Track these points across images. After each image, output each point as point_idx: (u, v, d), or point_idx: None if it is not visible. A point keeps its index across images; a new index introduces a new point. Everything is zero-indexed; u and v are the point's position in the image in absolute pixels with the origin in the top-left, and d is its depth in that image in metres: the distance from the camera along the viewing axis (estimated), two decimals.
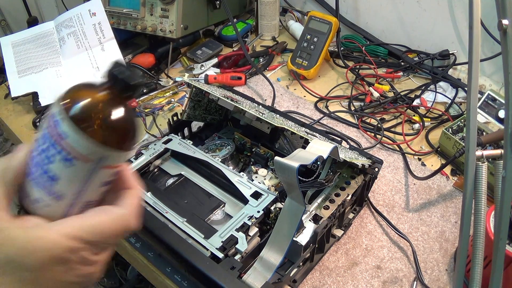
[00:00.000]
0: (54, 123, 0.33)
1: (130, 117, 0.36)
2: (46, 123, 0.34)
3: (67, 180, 0.34)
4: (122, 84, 0.35)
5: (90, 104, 0.34)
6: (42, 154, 0.34)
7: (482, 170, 0.49)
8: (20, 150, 0.36)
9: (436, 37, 1.13)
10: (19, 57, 1.10)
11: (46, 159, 0.34)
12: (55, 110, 0.33)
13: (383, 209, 0.79)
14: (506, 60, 0.44)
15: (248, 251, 0.62)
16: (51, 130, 0.33)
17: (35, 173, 0.35)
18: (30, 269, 0.32)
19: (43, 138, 0.34)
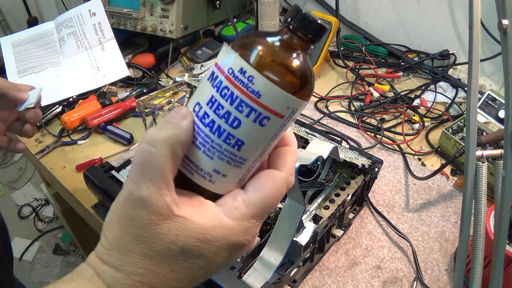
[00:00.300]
0: (243, 81, 0.30)
1: (309, 63, 0.33)
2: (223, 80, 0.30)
3: (254, 143, 0.31)
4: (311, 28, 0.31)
5: (285, 55, 0.31)
6: (222, 119, 0.30)
7: (482, 170, 0.49)
8: (183, 117, 0.31)
9: (436, 37, 1.13)
10: (19, 57, 1.10)
11: (230, 124, 0.30)
12: (240, 64, 0.30)
13: (383, 209, 0.79)
14: (506, 60, 0.44)
15: (248, 251, 0.62)
16: (237, 89, 0.30)
17: (211, 142, 0.31)
18: (204, 257, 0.30)
19: (223, 99, 0.30)
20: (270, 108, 0.30)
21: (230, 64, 0.30)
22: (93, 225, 0.86)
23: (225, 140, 0.31)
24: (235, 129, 0.31)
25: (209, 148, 0.31)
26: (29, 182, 2.23)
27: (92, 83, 1.05)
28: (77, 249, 1.92)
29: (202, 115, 0.31)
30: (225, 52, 0.31)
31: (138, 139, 0.95)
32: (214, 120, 0.31)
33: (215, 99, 0.30)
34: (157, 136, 0.29)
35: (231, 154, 0.31)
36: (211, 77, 0.31)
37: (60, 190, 0.91)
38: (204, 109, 0.31)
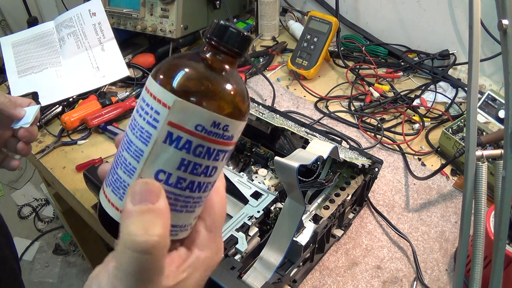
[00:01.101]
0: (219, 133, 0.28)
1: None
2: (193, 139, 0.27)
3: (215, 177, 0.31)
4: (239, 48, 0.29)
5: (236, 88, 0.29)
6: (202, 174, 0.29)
7: (482, 170, 0.49)
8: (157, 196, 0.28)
9: (436, 37, 1.13)
10: (19, 57, 1.10)
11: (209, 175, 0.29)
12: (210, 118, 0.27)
13: (383, 209, 0.79)
14: (506, 60, 0.44)
15: (248, 251, 0.62)
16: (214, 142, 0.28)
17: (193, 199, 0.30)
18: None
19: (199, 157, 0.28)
20: (235, 142, 0.31)
21: (196, 121, 0.27)
22: (93, 225, 0.86)
23: (204, 190, 0.30)
24: (212, 176, 0.30)
25: (191, 205, 0.30)
26: (29, 182, 2.23)
27: (92, 83, 1.05)
28: (77, 249, 1.92)
29: (176, 181, 0.28)
30: (181, 108, 0.27)
31: None
32: (193, 180, 0.29)
33: (188, 161, 0.28)
34: (149, 242, 0.26)
35: (206, 197, 0.32)
36: (169, 139, 0.27)
37: (60, 190, 0.91)
38: (177, 175, 0.28)
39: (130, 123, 0.30)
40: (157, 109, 0.28)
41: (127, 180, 0.29)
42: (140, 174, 0.28)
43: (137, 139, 0.28)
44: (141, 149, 0.28)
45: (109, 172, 0.31)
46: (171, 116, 0.27)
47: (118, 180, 0.30)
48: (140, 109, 0.29)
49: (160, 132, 0.27)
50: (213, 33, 0.29)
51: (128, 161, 0.29)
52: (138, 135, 0.28)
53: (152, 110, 0.28)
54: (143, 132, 0.28)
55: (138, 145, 0.28)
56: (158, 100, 0.28)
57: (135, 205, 0.27)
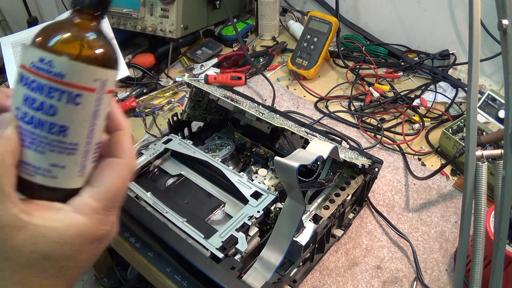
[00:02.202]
0: (44, 68, 0.31)
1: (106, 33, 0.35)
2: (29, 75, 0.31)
3: (77, 124, 0.32)
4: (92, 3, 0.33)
5: (76, 31, 0.33)
6: (39, 111, 0.31)
7: (482, 170, 0.49)
8: (5, 124, 0.31)
9: (436, 37, 1.13)
10: (19, 57, 1.10)
11: (47, 114, 0.31)
12: (38, 55, 0.31)
13: (383, 209, 0.79)
14: (506, 60, 0.44)
15: (248, 251, 0.62)
16: (42, 77, 0.31)
17: (38, 137, 0.32)
18: (69, 258, 0.31)
19: (34, 92, 0.31)
20: (77, 85, 0.32)
21: (30, 59, 0.31)
22: None
23: (49, 130, 0.32)
24: (53, 116, 0.32)
25: (38, 144, 0.32)
26: None
27: None
28: None
29: (22, 115, 0.32)
30: (25, 51, 0.32)
31: (138, 139, 0.95)
32: (33, 115, 0.31)
33: (27, 96, 0.31)
34: None
35: (60, 143, 0.32)
36: (20, 79, 0.32)
37: None
38: (23, 109, 0.32)
39: None
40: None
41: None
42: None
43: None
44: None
45: None
46: (21, 59, 0.32)
47: None
48: None
49: (17, 74, 0.32)
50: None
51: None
52: None
53: None
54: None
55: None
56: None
57: None
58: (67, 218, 0.31)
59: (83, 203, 0.32)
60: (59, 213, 0.31)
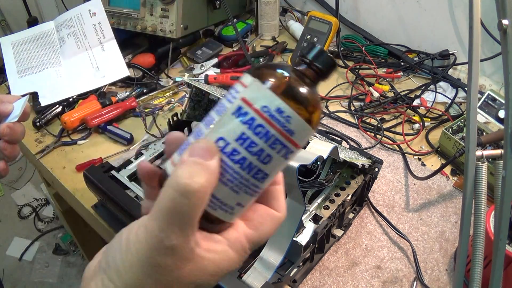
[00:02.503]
0: (280, 120, 0.30)
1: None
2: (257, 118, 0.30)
3: (274, 173, 0.33)
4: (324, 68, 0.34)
5: (311, 92, 0.33)
6: (255, 156, 0.31)
7: (482, 170, 0.49)
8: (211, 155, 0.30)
9: (436, 37, 1.13)
10: (19, 57, 1.10)
11: (261, 161, 0.31)
12: (277, 104, 0.30)
13: (383, 209, 0.79)
14: (506, 60, 0.44)
15: None
16: (273, 127, 0.30)
17: (240, 178, 0.31)
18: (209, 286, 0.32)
19: (257, 137, 0.30)
20: (298, 144, 0.32)
21: (264, 102, 0.30)
22: (93, 225, 0.86)
23: (254, 175, 0.32)
24: (265, 164, 0.31)
25: (237, 184, 0.31)
26: (29, 182, 2.23)
27: (92, 83, 1.05)
28: (77, 249, 1.92)
29: (231, 151, 0.31)
30: (255, 87, 0.31)
31: (138, 139, 0.95)
32: (246, 157, 0.31)
33: (246, 136, 0.30)
34: (189, 186, 0.28)
35: (255, 187, 0.32)
36: (237, 112, 0.31)
37: (60, 190, 0.91)
38: (233, 146, 0.31)
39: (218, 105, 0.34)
40: (238, 88, 0.32)
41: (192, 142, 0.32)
42: (204, 137, 0.32)
43: (215, 112, 0.32)
44: (214, 118, 0.32)
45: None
46: (246, 93, 0.31)
47: (187, 143, 0.33)
48: (228, 94, 0.33)
49: (233, 105, 0.31)
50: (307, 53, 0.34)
51: (200, 128, 0.32)
52: (217, 109, 0.32)
53: (235, 90, 0.32)
54: (222, 107, 0.32)
55: (213, 115, 0.32)
56: (242, 83, 0.32)
57: (190, 157, 0.30)
58: (223, 252, 0.32)
59: (239, 241, 0.33)
60: (218, 246, 0.32)
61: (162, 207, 0.28)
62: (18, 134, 0.55)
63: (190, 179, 0.28)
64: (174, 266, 0.29)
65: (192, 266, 0.29)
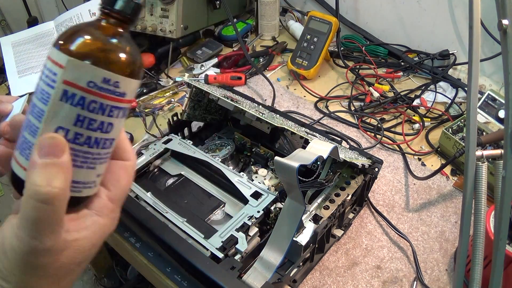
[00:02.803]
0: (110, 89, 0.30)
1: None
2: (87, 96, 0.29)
3: (119, 133, 0.33)
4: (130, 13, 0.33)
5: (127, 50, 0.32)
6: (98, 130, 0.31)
7: (482, 170, 0.49)
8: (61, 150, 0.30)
9: (436, 37, 1.13)
10: (19, 57, 1.10)
11: (105, 132, 0.31)
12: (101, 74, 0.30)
13: (383, 209, 0.79)
14: (506, 60, 0.44)
15: (248, 251, 0.62)
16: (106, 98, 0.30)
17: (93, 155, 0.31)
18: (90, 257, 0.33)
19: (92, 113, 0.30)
20: (130, 100, 0.32)
21: (88, 78, 0.29)
22: None
23: (103, 146, 0.32)
24: (109, 132, 0.32)
25: (91, 161, 0.31)
26: None
27: None
28: None
29: (74, 136, 0.30)
30: (74, 66, 0.29)
31: (138, 139, 0.95)
32: (90, 135, 0.31)
33: (83, 117, 0.30)
34: (51, 193, 0.28)
35: (106, 154, 0.33)
36: (65, 97, 0.29)
37: None
38: (74, 131, 0.30)
39: (35, 89, 0.32)
40: (54, 70, 0.30)
41: (32, 140, 0.31)
42: (41, 133, 0.30)
43: (39, 100, 0.30)
44: (42, 109, 0.30)
45: (18, 137, 0.33)
46: (66, 75, 0.29)
47: (24, 141, 0.31)
48: (42, 75, 0.31)
49: (57, 90, 0.30)
50: (104, 2, 0.32)
51: (32, 122, 0.31)
52: (39, 97, 0.30)
53: (50, 72, 0.30)
54: (44, 94, 0.30)
55: (39, 106, 0.30)
56: (55, 62, 0.30)
57: (41, 158, 0.29)
58: (93, 224, 0.33)
59: (104, 206, 0.34)
60: (87, 220, 0.33)
61: (28, 217, 0.29)
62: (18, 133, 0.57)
63: (48, 186, 0.28)
64: (53, 260, 0.30)
65: (68, 252, 0.31)
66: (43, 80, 0.31)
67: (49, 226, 0.29)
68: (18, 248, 0.29)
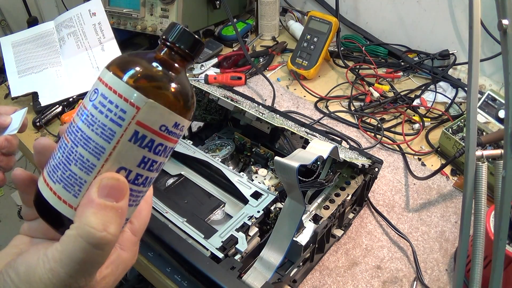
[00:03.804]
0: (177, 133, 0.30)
1: None
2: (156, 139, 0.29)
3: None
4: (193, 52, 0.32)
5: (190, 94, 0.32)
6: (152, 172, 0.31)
7: (482, 170, 0.49)
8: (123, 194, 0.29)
9: (436, 37, 1.13)
10: (19, 57, 1.10)
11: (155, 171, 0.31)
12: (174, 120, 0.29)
13: (383, 209, 0.79)
14: (506, 60, 0.44)
15: (248, 251, 0.62)
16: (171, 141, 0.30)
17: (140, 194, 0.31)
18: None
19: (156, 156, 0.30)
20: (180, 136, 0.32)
21: (162, 122, 0.29)
22: None
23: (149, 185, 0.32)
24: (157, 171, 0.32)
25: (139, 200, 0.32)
26: None
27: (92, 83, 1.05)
28: None
29: (135, 177, 0.30)
30: (149, 109, 0.28)
31: None
32: (148, 176, 0.30)
33: (148, 159, 0.29)
34: (105, 239, 0.28)
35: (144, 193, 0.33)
36: (134, 138, 0.28)
37: None
38: (136, 171, 0.29)
39: (83, 117, 0.29)
40: (124, 108, 0.28)
41: (84, 177, 0.29)
42: (100, 171, 0.29)
43: (97, 135, 0.28)
44: (103, 146, 0.28)
45: (56, 165, 0.30)
46: (140, 116, 0.28)
47: (73, 177, 0.29)
48: (100, 105, 0.29)
49: (127, 130, 0.28)
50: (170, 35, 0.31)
51: (86, 157, 0.29)
52: (98, 132, 0.28)
53: (117, 108, 0.28)
54: (105, 130, 0.28)
55: (98, 142, 0.28)
56: (125, 99, 0.28)
57: (101, 198, 0.28)
58: (118, 258, 0.32)
59: (126, 239, 0.33)
60: (112, 255, 0.32)
61: (74, 256, 0.27)
62: (14, 146, 0.56)
63: (104, 230, 0.28)
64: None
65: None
66: (103, 113, 0.28)
67: (91, 270, 0.29)
68: (50, 283, 0.28)
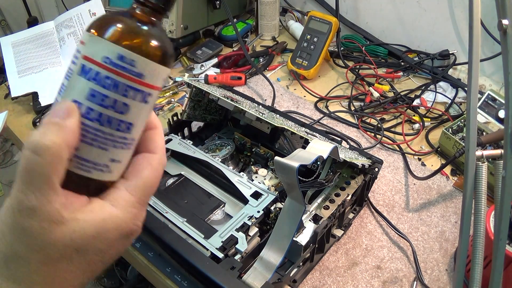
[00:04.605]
0: (125, 67, 0.30)
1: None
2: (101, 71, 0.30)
3: (141, 121, 0.33)
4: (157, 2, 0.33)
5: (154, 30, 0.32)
6: (111, 108, 0.30)
7: (482, 170, 0.49)
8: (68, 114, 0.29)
9: (436, 37, 1.13)
10: (19, 57, 1.10)
11: (118, 112, 0.31)
12: (116, 51, 0.30)
13: (383, 209, 0.79)
14: (506, 60, 0.44)
15: (248, 251, 0.62)
16: (119, 75, 0.30)
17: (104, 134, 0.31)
18: (100, 251, 0.31)
19: (106, 89, 0.30)
20: (152, 85, 0.32)
21: (104, 53, 0.30)
22: None
23: (117, 128, 0.31)
24: (123, 114, 0.31)
25: (101, 141, 0.31)
26: None
27: None
28: None
29: (86, 111, 0.30)
30: (92, 41, 0.31)
31: None
32: (101, 112, 0.31)
33: (96, 92, 0.30)
34: (40, 143, 0.28)
35: (124, 139, 0.32)
36: (82, 71, 0.30)
37: None
38: (86, 105, 0.30)
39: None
40: (79, 48, 0.31)
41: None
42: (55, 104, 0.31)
43: (65, 78, 0.32)
44: (64, 84, 0.31)
45: None
46: (85, 50, 0.31)
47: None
48: (73, 57, 0.32)
49: (77, 65, 0.31)
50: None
51: (56, 98, 0.32)
52: (65, 76, 0.32)
53: (77, 51, 0.32)
54: (68, 71, 0.31)
55: (63, 82, 0.32)
56: (81, 42, 0.31)
57: (47, 118, 0.29)
58: (105, 211, 0.31)
59: (120, 196, 0.32)
60: (95, 205, 0.31)
61: (19, 168, 0.28)
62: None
63: (42, 137, 0.28)
64: (41, 229, 0.28)
65: (64, 229, 0.29)
66: (72, 60, 0.32)
67: (36, 180, 0.28)
68: (8, 203, 0.28)
